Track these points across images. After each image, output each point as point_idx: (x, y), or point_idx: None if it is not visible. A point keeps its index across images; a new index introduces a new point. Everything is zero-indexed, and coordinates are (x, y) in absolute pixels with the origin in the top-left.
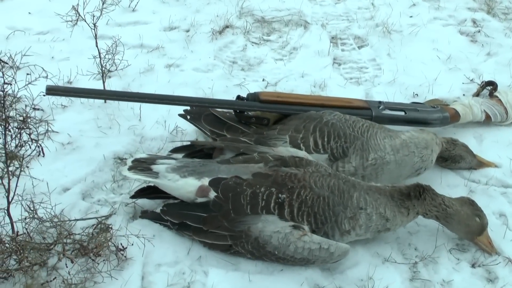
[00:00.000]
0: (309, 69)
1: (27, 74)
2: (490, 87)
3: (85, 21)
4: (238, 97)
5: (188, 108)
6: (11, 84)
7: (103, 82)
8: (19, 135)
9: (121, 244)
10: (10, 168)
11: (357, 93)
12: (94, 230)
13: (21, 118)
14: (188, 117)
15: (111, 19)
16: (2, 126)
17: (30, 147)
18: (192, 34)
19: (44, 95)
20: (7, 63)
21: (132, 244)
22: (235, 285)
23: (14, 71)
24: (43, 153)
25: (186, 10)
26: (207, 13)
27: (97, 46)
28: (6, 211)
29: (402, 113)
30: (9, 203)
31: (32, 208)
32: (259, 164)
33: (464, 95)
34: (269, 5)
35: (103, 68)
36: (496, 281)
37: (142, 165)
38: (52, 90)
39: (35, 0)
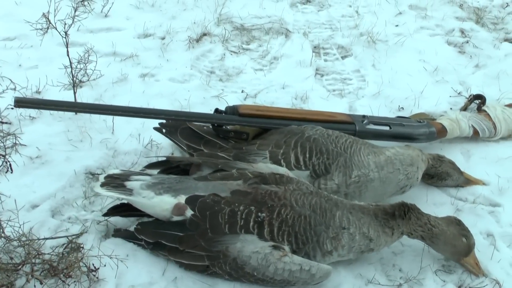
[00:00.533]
0: (290, 80)
1: None
2: (478, 100)
3: (56, 29)
4: (216, 110)
5: (164, 121)
6: None
7: (74, 93)
8: None
9: (93, 264)
10: None
11: (340, 106)
12: (65, 249)
13: None
14: (164, 130)
15: (82, 25)
16: None
17: None
18: (168, 42)
19: (12, 108)
20: None
21: (105, 265)
22: None
23: None
24: (11, 170)
25: (161, 17)
26: (184, 20)
27: (68, 56)
28: None
29: (387, 128)
30: None
31: None
32: (237, 181)
33: (451, 109)
34: (248, 11)
35: (75, 79)
36: None
37: (116, 182)
38: (20, 102)
39: (1, 4)
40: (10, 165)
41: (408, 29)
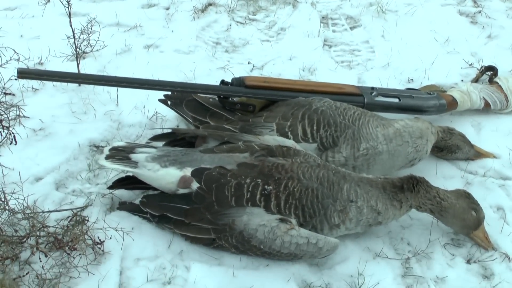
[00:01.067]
0: (297, 51)
1: None
2: (490, 72)
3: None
4: (223, 82)
5: (169, 93)
6: None
7: (78, 65)
8: None
9: (98, 237)
10: None
11: (349, 77)
12: (69, 222)
13: None
14: (169, 102)
15: None
16: None
17: (1, 135)
18: (172, 12)
19: (16, 79)
20: None
21: (110, 238)
22: (218, 281)
23: None
24: (15, 141)
25: None
26: None
27: (71, 26)
28: None
29: (396, 100)
30: None
31: (3, 199)
32: (244, 154)
33: (462, 80)
34: None
35: (78, 50)
36: (492, 278)
37: (120, 154)
38: (24, 73)
39: None
40: (14, 137)
41: None
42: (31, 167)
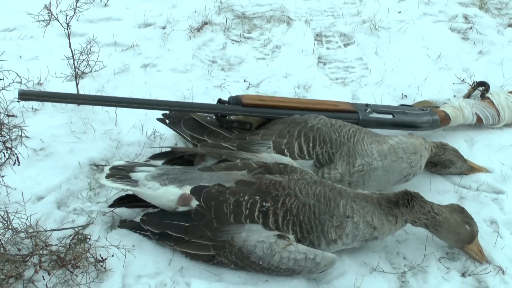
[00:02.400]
0: (292, 69)
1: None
2: (482, 88)
3: (58, 21)
4: (219, 100)
5: (167, 112)
6: None
7: (77, 85)
8: None
9: (100, 255)
10: None
11: (343, 94)
12: (71, 241)
13: None
14: (167, 121)
15: (82, 15)
16: None
17: (4, 156)
18: (168, 31)
19: (18, 101)
20: None
21: (112, 256)
22: None
23: None
24: (19, 162)
25: (161, 5)
26: (184, 9)
27: (70, 47)
28: None
29: (390, 117)
30: None
31: (6, 218)
32: (242, 171)
33: (455, 96)
34: None
35: (77, 70)
36: None
37: (121, 173)
38: (24, 95)
39: None
40: (17, 157)
41: (411, 15)
42: (32, 187)
